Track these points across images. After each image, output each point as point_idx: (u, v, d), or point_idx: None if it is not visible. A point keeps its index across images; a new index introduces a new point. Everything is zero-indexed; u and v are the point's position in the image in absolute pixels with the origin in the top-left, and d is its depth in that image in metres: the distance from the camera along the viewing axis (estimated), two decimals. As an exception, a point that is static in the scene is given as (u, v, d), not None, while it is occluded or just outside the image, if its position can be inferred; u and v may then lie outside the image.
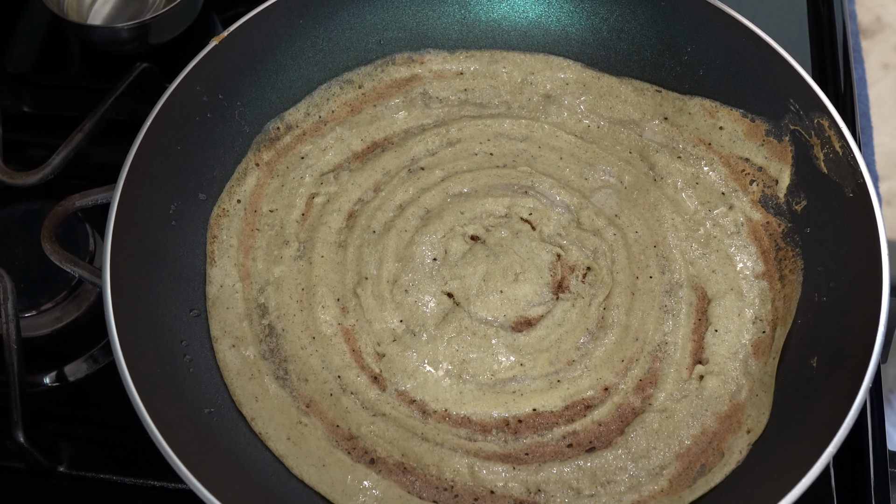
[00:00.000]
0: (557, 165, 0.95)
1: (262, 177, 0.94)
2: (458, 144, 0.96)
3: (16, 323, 0.86)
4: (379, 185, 0.95)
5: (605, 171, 0.94)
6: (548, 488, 0.80)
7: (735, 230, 0.90)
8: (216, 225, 0.91)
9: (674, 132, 0.94)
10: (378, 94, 0.98)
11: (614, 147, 0.96)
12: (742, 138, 0.91)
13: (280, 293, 0.88)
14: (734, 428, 0.81)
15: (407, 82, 0.99)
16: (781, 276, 0.87)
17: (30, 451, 0.85)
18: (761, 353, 0.84)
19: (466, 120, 0.97)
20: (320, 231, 0.91)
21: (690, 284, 0.88)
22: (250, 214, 0.92)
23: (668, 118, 0.95)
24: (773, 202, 0.89)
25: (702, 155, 0.93)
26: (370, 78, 0.98)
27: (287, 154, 0.95)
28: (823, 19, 1.11)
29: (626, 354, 0.86)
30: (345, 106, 0.98)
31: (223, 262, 0.89)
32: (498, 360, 0.86)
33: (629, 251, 0.90)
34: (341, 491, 0.79)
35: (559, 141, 0.96)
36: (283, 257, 0.90)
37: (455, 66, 0.99)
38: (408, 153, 0.96)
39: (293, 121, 0.96)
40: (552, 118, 0.97)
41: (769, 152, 0.90)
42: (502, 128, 0.97)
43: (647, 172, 0.94)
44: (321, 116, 0.97)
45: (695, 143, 0.93)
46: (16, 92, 1.13)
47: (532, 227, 0.92)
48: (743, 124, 0.91)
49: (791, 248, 0.87)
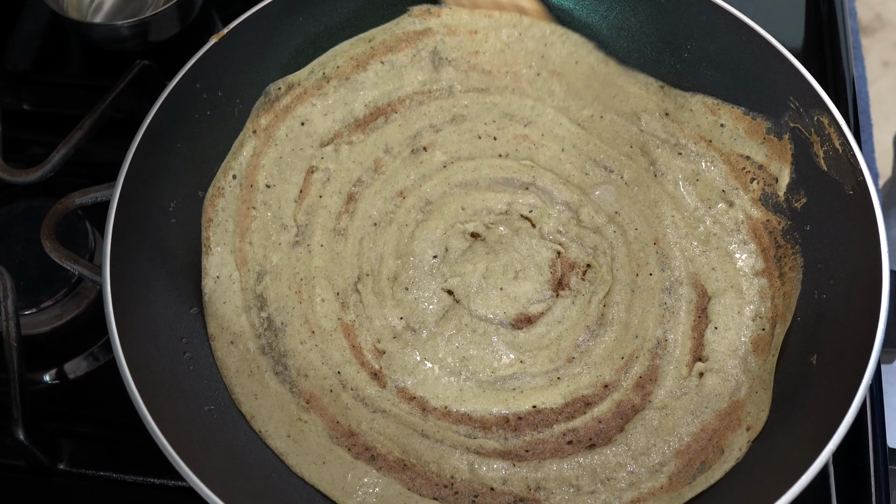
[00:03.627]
0: (559, 158, 0.95)
1: (260, 145, 0.91)
2: (464, 123, 0.96)
3: (16, 320, 0.86)
4: (380, 164, 0.94)
5: (605, 165, 0.94)
6: (547, 485, 0.80)
7: (735, 227, 0.90)
8: (211, 207, 0.89)
9: (675, 128, 0.94)
10: (388, 48, 0.95)
11: (615, 140, 0.95)
12: (743, 136, 0.91)
13: (278, 283, 0.88)
14: (734, 425, 0.81)
15: (419, 36, 0.96)
16: (781, 273, 0.87)
17: (30, 448, 0.85)
18: (761, 350, 0.84)
19: (474, 94, 0.96)
20: (319, 215, 0.91)
21: (690, 282, 0.88)
22: (246, 190, 0.90)
23: (669, 114, 0.94)
24: (773, 200, 0.89)
25: (702, 152, 0.93)
26: (382, 31, 0.95)
27: (286, 117, 0.93)
28: (823, 17, 1.11)
29: (625, 352, 0.86)
30: (351, 61, 0.95)
31: (219, 249, 0.88)
32: (498, 358, 0.86)
33: (629, 248, 0.90)
34: (341, 488, 0.80)
35: (561, 129, 0.96)
36: (282, 243, 0.90)
37: (470, 22, 0.96)
38: (411, 127, 0.94)
39: (295, 80, 0.93)
40: (557, 101, 0.97)
41: (769, 150, 0.90)
42: (508, 108, 0.96)
43: (648, 168, 0.93)
44: (325, 73, 0.94)
45: (696, 139, 0.93)
46: (16, 90, 1.12)
47: (532, 224, 0.92)
48: (744, 122, 0.91)
49: (791, 245, 0.87)
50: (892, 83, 1.31)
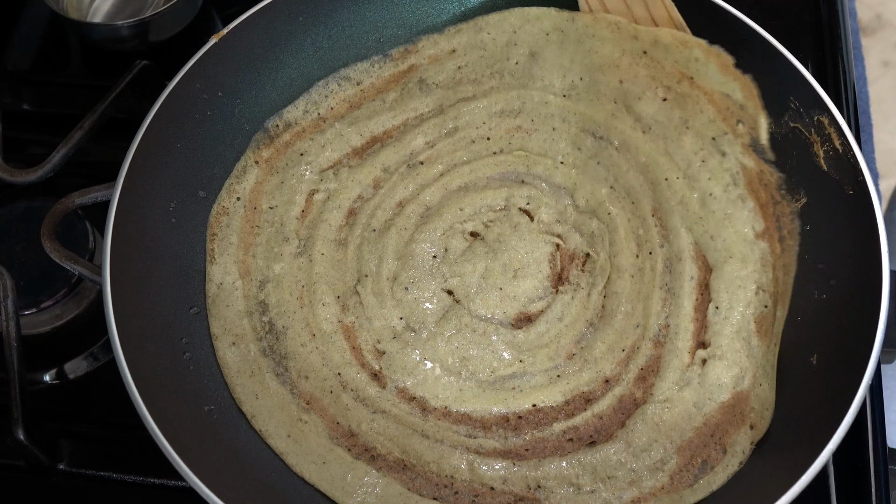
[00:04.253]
0: (552, 139, 0.94)
1: (262, 174, 0.93)
2: (457, 134, 0.96)
3: (16, 320, 0.86)
4: (379, 181, 0.95)
5: (595, 133, 0.93)
6: (548, 484, 0.80)
7: (731, 181, 0.88)
8: (216, 223, 0.90)
9: (656, 68, 0.91)
10: (377, 90, 0.98)
11: (599, 101, 0.93)
12: (718, 72, 0.88)
13: (280, 290, 0.88)
14: (737, 421, 0.80)
15: (404, 74, 0.98)
16: (781, 237, 0.86)
17: (30, 448, 0.85)
18: (763, 332, 0.84)
19: (462, 104, 0.96)
20: (321, 228, 0.91)
21: (690, 255, 0.87)
22: (250, 212, 0.92)
23: (647, 52, 0.91)
24: (762, 148, 0.88)
25: (686, 92, 0.90)
26: (368, 74, 0.98)
27: (286, 151, 0.95)
28: (823, 17, 1.11)
29: (627, 343, 0.85)
30: (343, 102, 0.97)
31: (223, 259, 0.89)
32: (498, 357, 0.86)
33: (628, 226, 0.89)
34: (341, 488, 0.80)
35: (549, 108, 0.95)
36: (284, 254, 0.90)
37: (446, 44, 0.98)
38: (407, 147, 0.95)
39: (292, 118, 0.95)
40: (540, 81, 0.96)
41: (742, 89, 0.87)
42: (496, 106, 0.96)
43: (634, 125, 0.91)
44: (320, 114, 0.96)
45: (678, 78, 0.90)
46: (16, 90, 1.13)
47: (530, 217, 0.92)
48: (713, 56, 0.88)
49: (787, 202, 0.86)
50: (892, 83, 1.31)
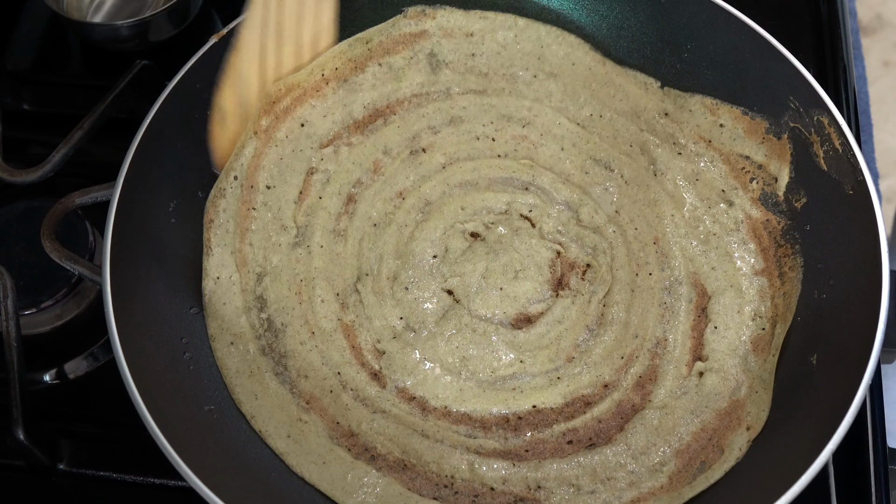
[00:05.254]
0: (559, 157, 0.95)
1: (260, 146, 0.91)
2: (462, 125, 0.96)
3: (16, 320, 0.86)
4: (379, 165, 0.94)
5: (606, 164, 0.94)
6: (547, 485, 0.80)
7: (734, 227, 0.90)
8: (213, 207, 0.89)
9: (674, 128, 0.94)
10: (385, 50, 0.96)
11: (615, 139, 0.95)
12: (742, 136, 0.91)
13: (278, 284, 0.88)
14: (734, 425, 0.81)
15: (415, 38, 0.96)
16: (781, 273, 0.87)
17: (30, 448, 0.85)
18: (761, 349, 0.84)
19: (472, 96, 0.96)
20: (319, 216, 0.91)
21: (690, 281, 0.88)
22: (247, 191, 0.90)
23: (668, 114, 0.94)
24: (773, 200, 0.89)
25: (702, 152, 0.93)
26: (379, 32, 0.96)
27: (286, 119, 0.92)
28: (824, 17, 1.11)
29: (625, 351, 0.86)
30: (349, 63, 0.95)
31: (220, 250, 0.88)
32: (498, 357, 0.86)
33: (629, 248, 0.90)
34: (341, 488, 0.80)
35: (560, 129, 0.96)
36: (281, 244, 0.90)
37: (466, 23, 0.97)
38: (410, 128, 0.95)
39: (295, 81, 0.92)
40: (555, 102, 0.97)
41: (769, 150, 0.90)
42: (506, 109, 0.96)
43: (648, 167, 0.93)
44: (324, 74, 0.94)
45: (695, 139, 0.93)
46: (16, 90, 1.13)
47: (532, 224, 0.92)
48: (743, 122, 0.91)
49: (790, 245, 0.87)
50: (892, 83, 1.31)
